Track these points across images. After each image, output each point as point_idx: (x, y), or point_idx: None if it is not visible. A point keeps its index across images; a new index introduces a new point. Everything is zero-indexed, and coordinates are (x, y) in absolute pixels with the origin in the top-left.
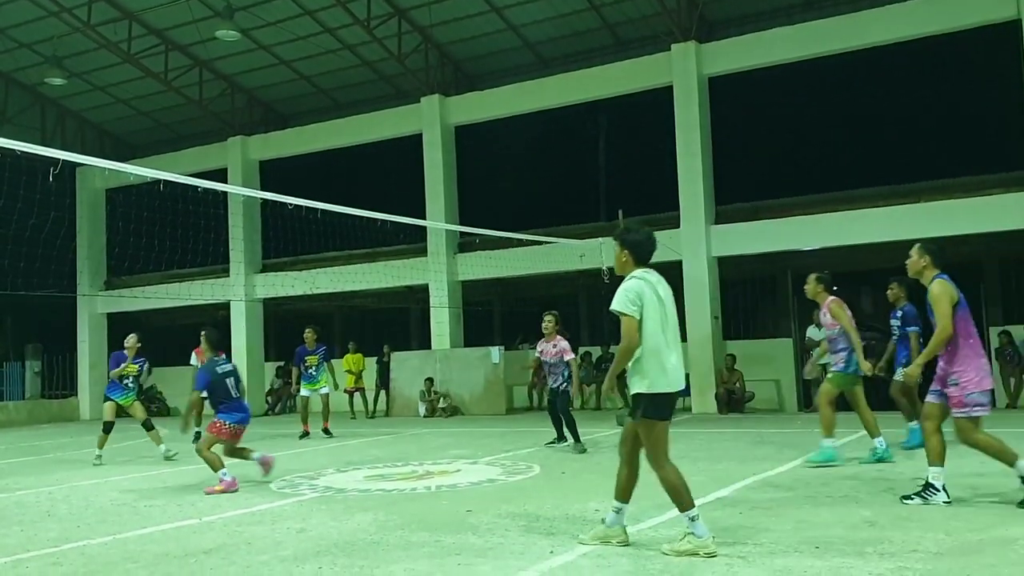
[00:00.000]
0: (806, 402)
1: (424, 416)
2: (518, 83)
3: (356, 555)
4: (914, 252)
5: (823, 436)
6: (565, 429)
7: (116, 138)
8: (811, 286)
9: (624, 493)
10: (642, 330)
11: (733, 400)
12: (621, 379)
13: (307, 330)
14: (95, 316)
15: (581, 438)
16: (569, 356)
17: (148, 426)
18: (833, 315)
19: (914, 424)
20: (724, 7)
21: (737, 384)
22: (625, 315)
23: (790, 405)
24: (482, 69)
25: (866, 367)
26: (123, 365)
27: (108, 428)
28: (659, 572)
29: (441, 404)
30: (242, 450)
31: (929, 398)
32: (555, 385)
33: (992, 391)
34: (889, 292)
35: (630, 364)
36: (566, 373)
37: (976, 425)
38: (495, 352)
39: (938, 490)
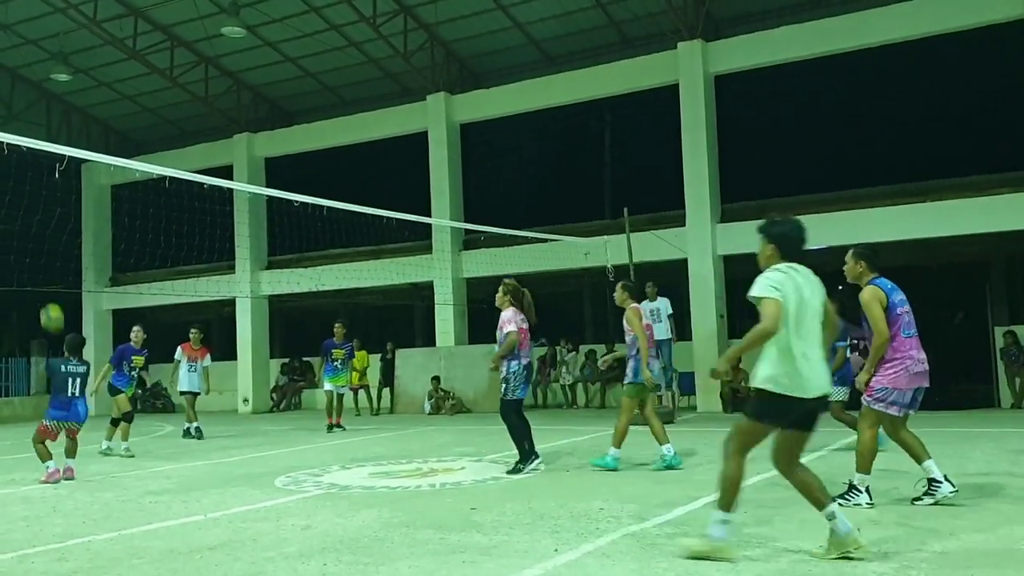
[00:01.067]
0: None
1: (429, 413)
2: (524, 81)
3: (361, 552)
4: (849, 258)
5: (660, 444)
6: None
7: (121, 134)
8: (618, 294)
9: (817, 500)
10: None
11: (738, 399)
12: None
13: (337, 324)
14: (100, 313)
15: (532, 454)
16: (508, 328)
17: (127, 419)
18: (628, 322)
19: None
20: (731, 5)
21: (742, 383)
22: (766, 298)
23: None
24: (488, 67)
25: (647, 376)
26: (133, 358)
27: (130, 418)
28: (664, 571)
29: (450, 402)
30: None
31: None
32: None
33: (913, 395)
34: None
35: (761, 353)
36: (514, 365)
37: (871, 416)
38: None
39: (860, 492)
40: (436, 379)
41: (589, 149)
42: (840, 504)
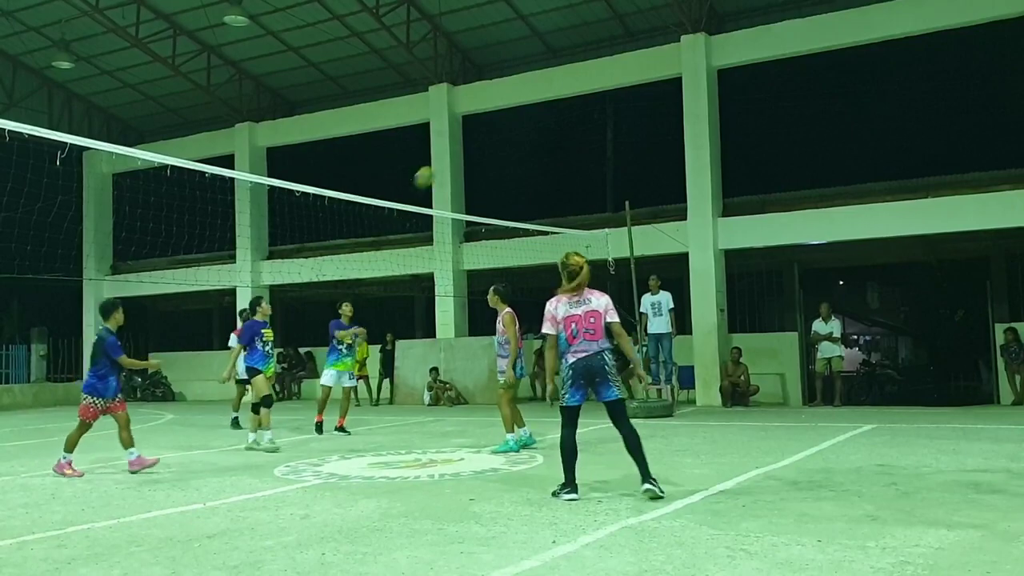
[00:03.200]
0: (810, 396)
1: (428, 404)
2: (526, 73)
3: (359, 542)
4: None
5: (506, 431)
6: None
7: (123, 123)
8: (491, 297)
9: None
10: None
11: (737, 393)
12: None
13: (345, 304)
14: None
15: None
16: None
17: (266, 404)
18: (505, 325)
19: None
20: None
21: (742, 377)
22: None
23: (795, 399)
24: (491, 58)
25: (510, 376)
26: (263, 332)
27: (269, 402)
28: (662, 564)
29: (448, 393)
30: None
31: None
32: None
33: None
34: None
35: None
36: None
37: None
38: None
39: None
40: (435, 370)
41: (591, 142)
42: None
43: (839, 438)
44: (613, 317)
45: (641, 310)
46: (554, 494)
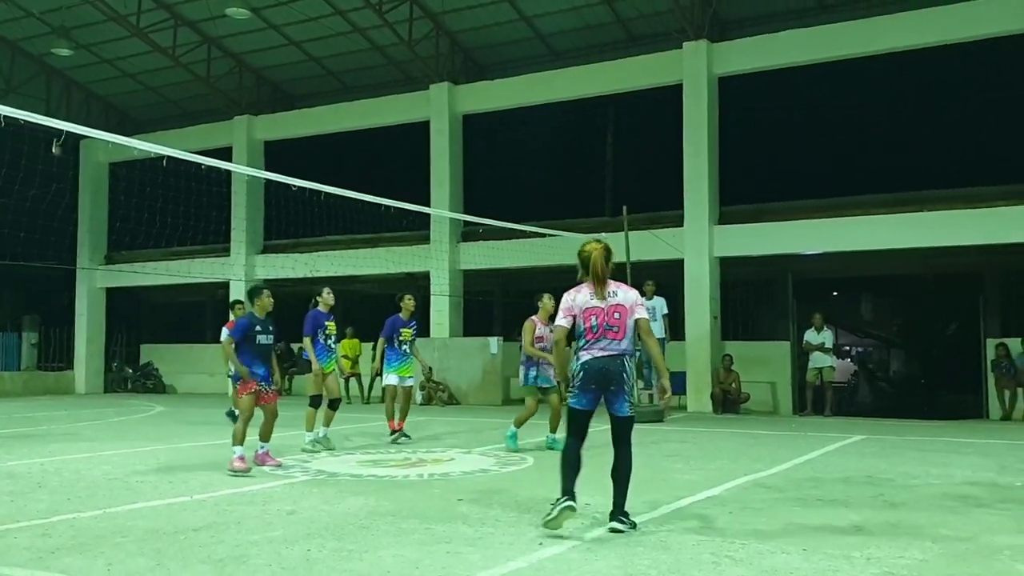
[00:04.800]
0: (800, 405)
1: (420, 404)
2: (528, 74)
3: (345, 539)
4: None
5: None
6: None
7: (121, 112)
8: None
9: None
10: None
11: (728, 400)
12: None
13: (407, 296)
14: (94, 290)
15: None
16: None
17: (332, 407)
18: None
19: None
20: (738, 6)
21: (733, 385)
22: None
23: (785, 408)
24: (493, 59)
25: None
26: (327, 324)
27: (336, 405)
28: (647, 568)
29: (441, 394)
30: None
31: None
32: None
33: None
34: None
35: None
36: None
37: None
38: (494, 343)
39: None
40: (429, 370)
41: (591, 146)
42: None
43: (828, 448)
44: (641, 313)
45: None
46: (551, 507)
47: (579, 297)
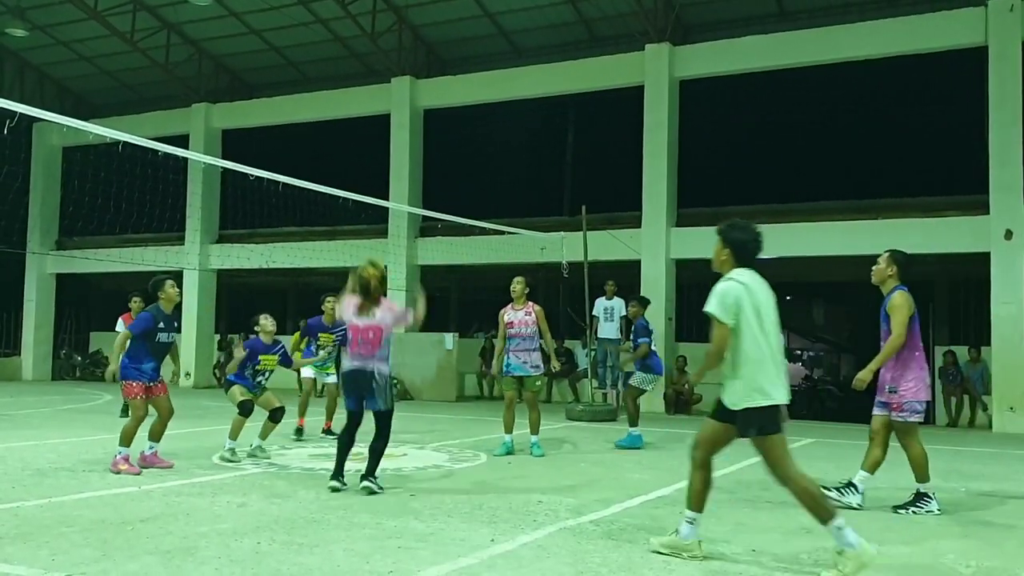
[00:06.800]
0: None
1: None
2: (490, 71)
3: (296, 532)
4: (883, 260)
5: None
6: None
7: (77, 96)
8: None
9: (697, 502)
10: (741, 339)
11: (681, 401)
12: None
13: (328, 299)
14: (44, 276)
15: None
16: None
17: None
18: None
19: (635, 430)
20: (701, 11)
21: (686, 386)
22: (719, 321)
23: None
24: (455, 54)
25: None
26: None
27: (277, 416)
28: (598, 566)
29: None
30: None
31: (875, 411)
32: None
33: (928, 403)
34: (631, 309)
35: (727, 375)
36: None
37: (913, 430)
38: (449, 339)
39: (931, 499)
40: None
41: (551, 145)
42: (913, 512)
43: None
44: (398, 324)
45: (594, 313)
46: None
47: (347, 312)
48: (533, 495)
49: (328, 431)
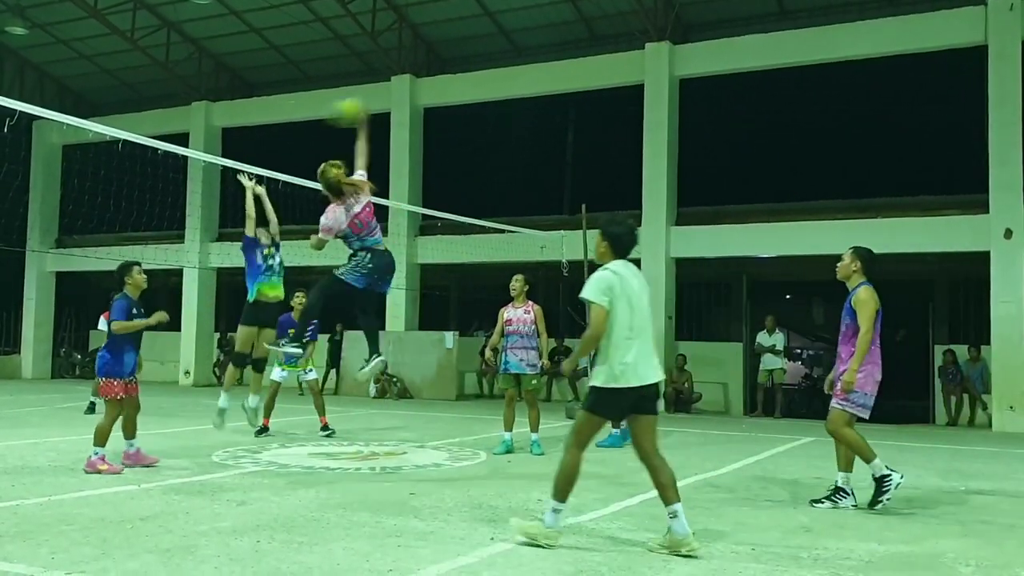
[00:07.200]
0: (751, 406)
1: (374, 397)
2: (491, 70)
3: (295, 531)
4: (847, 256)
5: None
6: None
7: (76, 94)
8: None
9: (668, 497)
10: (613, 324)
11: (680, 400)
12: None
13: (298, 294)
14: (44, 275)
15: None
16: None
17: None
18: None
19: (616, 430)
20: (701, 10)
21: (686, 384)
22: (594, 303)
23: (736, 408)
24: (455, 53)
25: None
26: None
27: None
28: (598, 564)
29: (394, 388)
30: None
31: (833, 404)
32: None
33: (873, 399)
34: None
35: (598, 354)
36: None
37: (848, 421)
38: (449, 337)
39: (847, 494)
40: (384, 363)
41: (551, 143)
42: (832, 506)
43: (778, 449)
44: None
45: None
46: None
47: (342, 217)
48: (533, 493)
49: (325, 427)
